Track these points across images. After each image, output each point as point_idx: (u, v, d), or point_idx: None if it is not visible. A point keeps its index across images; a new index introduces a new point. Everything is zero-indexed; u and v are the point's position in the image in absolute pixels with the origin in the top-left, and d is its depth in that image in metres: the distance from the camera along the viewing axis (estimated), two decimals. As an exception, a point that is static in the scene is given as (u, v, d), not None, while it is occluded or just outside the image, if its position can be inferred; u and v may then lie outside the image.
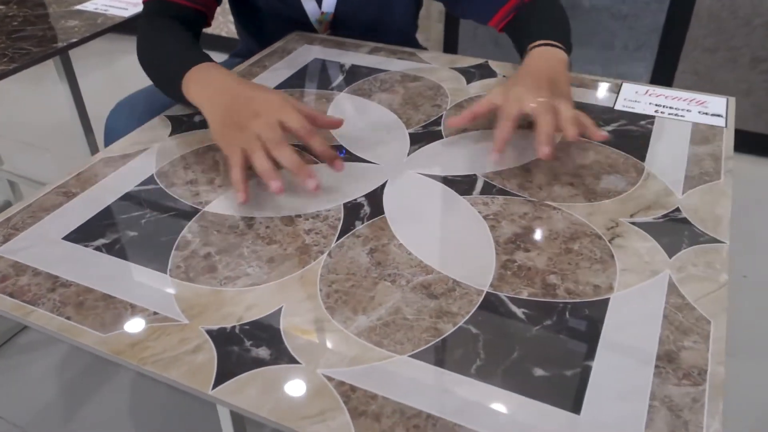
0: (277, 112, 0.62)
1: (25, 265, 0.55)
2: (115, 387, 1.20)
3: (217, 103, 0.67)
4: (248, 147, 0.61)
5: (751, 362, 1.25)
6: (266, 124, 0.61)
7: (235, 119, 0.63)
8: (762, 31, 1.60)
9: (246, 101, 0.64)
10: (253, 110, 0.63)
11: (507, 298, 0.51)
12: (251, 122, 0.62)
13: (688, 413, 0.42)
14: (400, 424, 0.41)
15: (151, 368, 0.46)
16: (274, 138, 0.61)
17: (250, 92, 0.66)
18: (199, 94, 0.70)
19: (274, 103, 0.64)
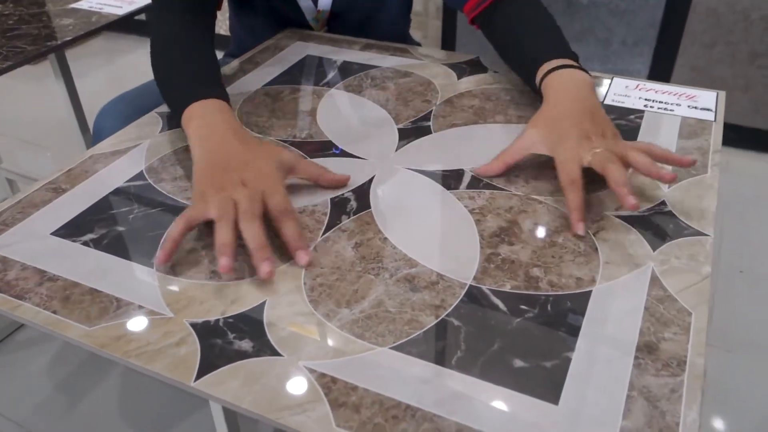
0: (265, 185, 0.58)
1: (13, 260, 0.56)
2: (112, 383, 1.21)
3: (209, 152, 0.62)
4: (218, 209, 0.55)
5: (749, 357, 1.25)
6: (248, 196, 0.56)
7: (218, 179, 0.58)
8: (760, 25, 1.60)
9: (238, 165, 0.60)
10: (242, 178, 0.58)
11: (489, 291, 0.51)
12: (234, 189, 0.57)
13: (666, 403, 0.42)
14: (379, 415, 0.42)
15: (134, 361, 0.46)
16: (250, 211, 0.55)
17: (246, 156, 0.61)
18: (196, 133, 0.65)
19: (265, 176, 0.59)
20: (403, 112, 0.78)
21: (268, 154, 0.62)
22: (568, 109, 0.66)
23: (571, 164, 0.60)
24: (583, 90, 0.68)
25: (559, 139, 0.63)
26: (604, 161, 0.59)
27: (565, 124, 0.64)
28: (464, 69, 0.89)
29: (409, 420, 0.41)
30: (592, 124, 0.64)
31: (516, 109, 0.78)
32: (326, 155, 0.70)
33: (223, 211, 0.55)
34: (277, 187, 0.58)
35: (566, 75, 0.70)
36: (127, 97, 1.00)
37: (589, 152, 0.60)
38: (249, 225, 0.54)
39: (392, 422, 0.41)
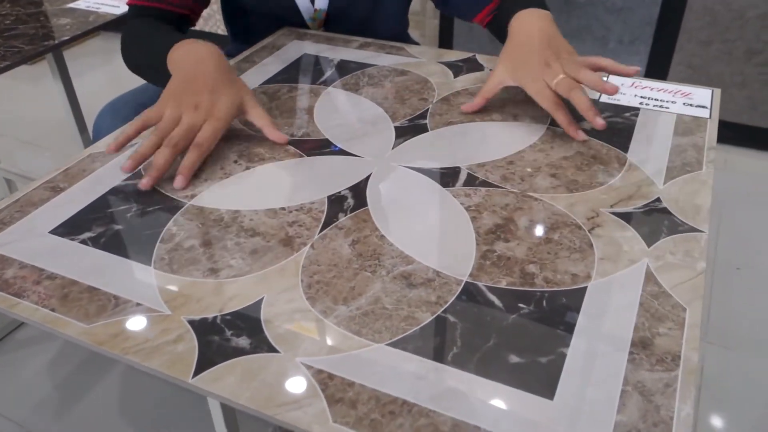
0: (210, 116, 0.67)
1: (11, 259, 0.56)
2: (111, 382, 1.21)
3: (184, 69, 0.71)
4: (163, 122, 0.66)
5: (746, 354, 1.26)
6: (188, 124, 0.66)
7: (181, 95, 0.68)
8: (756, 23, 1.60)
9: (202, 88, 0.68)
10: (199, 101, 0.67)
11: (485, 288, 0.52)
12: (186, 108, 0.67)
13: (660, 398, 0.42)
14: (376, 411, 0.42)
15: (132, 358, 0.46)
16: (177, 138, 0.65)
17: (213, 83, 0.69)
18: (178, 57, 0.73)
19: (217, 109, 0.68)
20: (400, 110, 0.79)
21: (232, 91, 0.70)
22: (525, 40, 0.75)
23: (545, 91, 0.71)
24: (538, 21, 0.76)
25: (522, 69, 0.73)
26: (567, 89, 0.69)
27: (525, 55, 0.74)
28: (460, 67, 0.89)
29: (406, 415, 0.42)
30: (548, 49, 0.72)
31: (513, 107, 0.79)
32: (324, 153, 0.70)
33: (164, 126, 0.65)
34: (217, 124, 0.67)
35: (525, 13, 0.78)
36: (125, 98, 1.00)
37: (553, 79, 0.70)
38: (165, 148, 0.64)
39: (389, 418, 0.42)
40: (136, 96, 1.01)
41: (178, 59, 0.73)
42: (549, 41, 0.73)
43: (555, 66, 0.71)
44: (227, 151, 0.71)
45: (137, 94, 1.02)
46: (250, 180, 0.66)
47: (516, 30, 0.77)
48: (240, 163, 0.69)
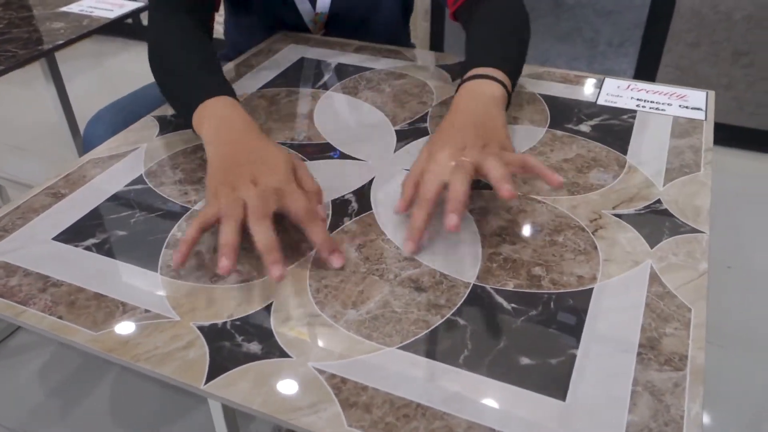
0: (280, 183, 0.55)
1: (15, 266, 0.56)
2: (107, 388, 1.20)
3: (223, 149, 0.61)
4: (226, 207, 0.53)
5: (738, 352, 1.28)
6: (258, 194, 0.54)
7: (231, 177, 0.56)
8: (743, 25, 1.63)
9: (251, 162, 0.58)
10: (253, 175, 0.56)
11: (493, 290, 0.52)
12: (245, 187, 0.55)
13: (670, 397, 0.43)
14: (390, 414, 0.42)
15: (143, 364, 0.46)
16: (261, 209, 0.53)
17: (260, 152, 0.59)
18: (210, 132, 0.64)
19: (280, 174, 0.56)
20: (400, 113, 0.79)
21: (281, 152, 0.60)
22: (456, 118, 0.64)
23: (429, 182, 0.56)
24: (481, 101, 0.65)
25: (436, 150, 0.59)
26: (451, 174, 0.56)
27: (447, 133, 0.62)
28: (458, 70, 0.90)
29: (420, 418, 0.42)
30: (474, 135, 0.60)
31: (511, 110, 0.79)
32: (325, 158, 0.70)
33: (229, 209, 0.53)
34: (294, 187, 0.55)
35: (473, 85, 0.68)
36: (117, 105, 0.99)
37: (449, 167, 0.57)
38: (258, 225, 0.52)
39: (403, 421, 0.42)
40: (127, 104, 1.00)
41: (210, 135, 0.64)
42: (479, 127, 0.61)
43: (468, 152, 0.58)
44: (229, 156, 0.71)
45: (129, 101, 1.01)
46: (254, 185, 0.66)
47: (453, 107, 0.67)
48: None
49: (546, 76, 0.88)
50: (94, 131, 0.96)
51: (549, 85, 0.86)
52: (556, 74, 0.89)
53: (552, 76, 0.88)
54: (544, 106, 0.80)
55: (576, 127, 0.75)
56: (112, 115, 0.98)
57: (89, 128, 0.97)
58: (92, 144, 0.92)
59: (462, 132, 0.61)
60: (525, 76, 0.88)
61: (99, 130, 0.96)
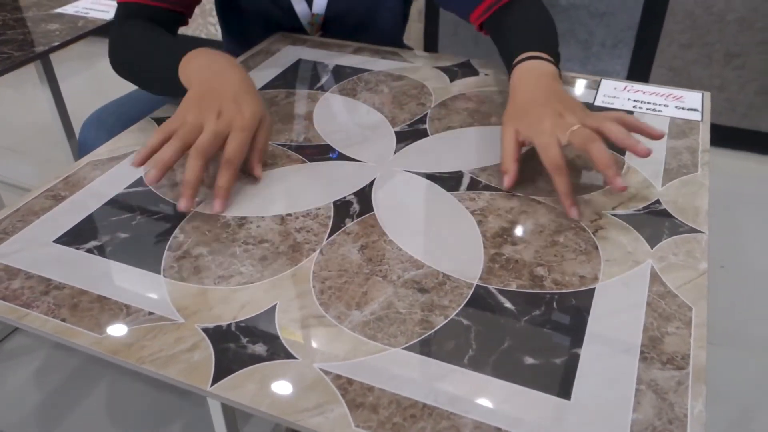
0: (236, 126, 0.62)
1: (16, 269, 0.55)
2: (102, 391, 1.19)
3: (205, 79, 0.66)
4: (184, 129, 0.60)
5: (729, 350, 1.29)
6: (213, 131, 0.60)
7: (204, 103, 0.63)
8: (735, 26, 1.64)
9: (225, 98, 0.63)
10: (222, 108, 0.62)
11: (496, 291, 0.53)
12: (209, 115, 0.61)
13: (673, 396, 0.43)
14: (397, 415, 0.42)
15: (149, 367, 0.46)
16: (204, 146, 0.60)
17: (237, 92, 0.64)
18: (196, 68, 0.68)
19: (243, 119, 0.62)
20: (399, 115, 0.79)
21: (255, 103, 0.65)
22: (532, 94, 0.68)
23: (551, 149, 0.61)
24: (545, 77, 0.69)
25: (533, 123, 0.64)
26: (584, 141, 0.60)
27: (535, 108, 0.65)
28: (456, 72, 0.90)
29: (427, 419, 0.42)
30: (560, 102, 0.64)
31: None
32: (325, 159, 0.71)
33: (186, 133, 0.60)
34: (243, 134, 0.62)
35: (530, 65, 0.71)
36: (110, 108, 0.99)
37: (566, 132, 0.61)
38: (194, 160, 0.59)
39: (410, 421, 0.42)
40: (121, 106, 1.00)
41: (197, 69, 0.69)
42: (558, 97, 0.66)
43: (569, 117, 0.62)
44: (229, 158, 0.71)
45: (123, 103, 1.01)
46: (255, 186, 0.66)
47: (516, 86, 0.70)
48: (243, 169, 0.69)
49: (543, 77, 0.89)
50: (90, 133, 0.96)
51: (546, 86, 0.86)
52: (553, 76, 0.89)
53: (549, 77, 0.89)
54: (542, 108, 0.81)
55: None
56: (108, 116, 0.97)
57: (84, 130, 0.97)
58: (88, 145, 0.92)
59: (549, 102, 0.65)
60: (522, 78, 0.88)
61: (94, 131, 0.96)
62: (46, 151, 1.88)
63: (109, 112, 0.99)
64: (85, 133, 0.97)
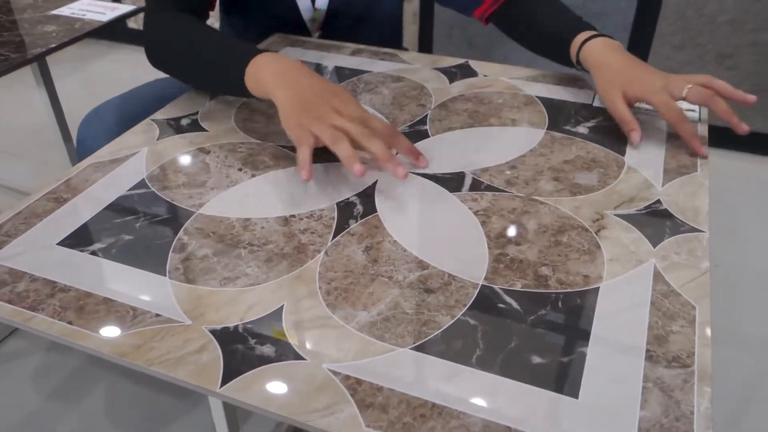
0: (357, 113, 0.66)
1: (21, 272, 0.55)
2: (98, 394, 1.19)
3: (291, 87, 0.68)
4: (328, 137, 0.63)
5: (724, 349, 1.30)
6: (353, 120, 0.65)
7: (313, 112, 0.65)
8: (726, 28, 1.66)
9: (326, 96, 0.67)
10: (333, 107, 0.66)
11: (501, 290, 0.53)
12: (332, 117, 0.65)
13: (680, 393, 0.44)
14: (407, 414, 0.43)
15: (157, 369, 0.46)
16: (364, 132, 0.64)
17: (329, 88, 0.68)
18: (272, 76, 0.69)
19: (354, 105, 0.67)
20: (400, 116, 0.80)
21: (343, 88, 0.70)
22: (624, 63, 0.76)
23: (671, 103, 0.71)
24: (621, 50, 0.78)
25: (640, 85, 0.73)
26: (704, 97, 0.71)
27: (637, 73, 0.74)
28: (454, 73, 0.91)
29: (437, 418, 0.43)
30: (651, 67, 0.74)
31: (509, 112, 0.80)
32: (329, 160, 0.71)
33: (333, 138, 0.63)
34: (367, 114, 0.66)
35: (600, 42, 0.79)
36: (109, 105, 0.99)
37: (682, 89, 0.71)
38: (373, 142, 0.63)
39: (420, 421, 0.42)
40: (121, 103, 1.00)
41: (273, 82, 0.69)
42: (642, 62, 0.76)
43: (676, 79, 0.72)
44: (231, 159, 0.71)
45: (122, 101, 1.00)
46: (258, 188, 0.66)
47: (601, 60, 0.77)
48: (245, 170, 0.69)
49: (541, 78, 0.89)
50: (88, 131, 0.95)
51: (545, 87, 0.87)
52: (550, 76, 0.90)
53: (547, 78, 0.90)
54: (541, 108, 0.81)
55: (574, 129, 0.76)
56: (106, 114, 0.97)
57: (83, 128, 0.96)
58: (86, 144, 0.92)
59: (646, 67, 0.75)
60: (521, 78, 0.89)
61: (92, 130, 0.95)
62: (43, 154, 1.87)
63: (107, 109, 0.98)
64: (83, 131, 0.96)
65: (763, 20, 1.62)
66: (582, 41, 0.81)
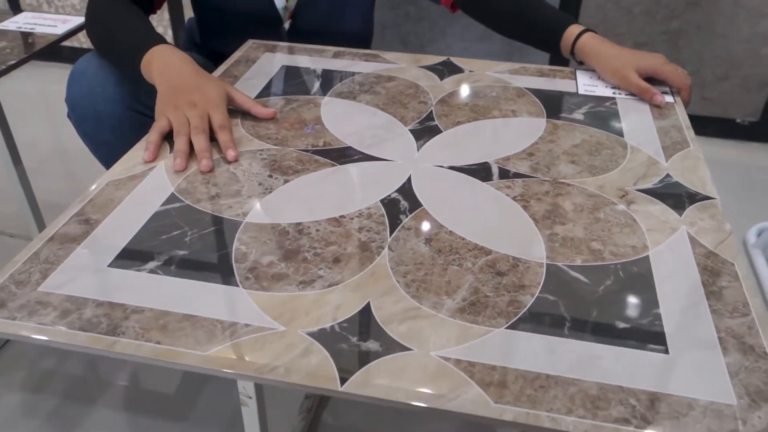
0: (210, 106, 0.75)
1: (81, 298, 0.52)
2: (99, 412, 1.12)
3: (168, 81, 0.78)
4: (175, 124, 0.73)
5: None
6: (198, 115, 0.73)
7: (176, 100, 0.75)
8: (641, 18, 1.80)
9: (191, 90, 0.76)
10: (193, 100, 0.75)
11: (566, 267, 0.57)
12: (187, 108, 0.74)
13: (750, 338, 0.50)
14: (527, 387, 0.45)
15: (270, 376, 0.46)
16: (199, 126, 0.72)
17: (197, 83, 0.77)
18: (158, 70, 0.79)
19: (211, 99, 0.76)
20: (406, 114, 0.82)
21: (214, 84, 0.78)
22: (622, 49, 0.90)
23: (678, 70, 0.86)
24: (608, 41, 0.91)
25: (647, 61, 0.87)
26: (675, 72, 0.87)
27: (638, 53, 0.88)
28: (442, 71, 0.94)
29: (555, 387, 0.45)
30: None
31: (506, 104, 0.85)
32: (354, 160, 0.72)
33: (180, 126, 0.72)
34: (219, 108, 0.75)
35: (591, 35, 0.92)
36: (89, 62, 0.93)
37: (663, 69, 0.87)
38: (198, 136, 0.72)
39: (541, 391, 0.45)
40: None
41: (158, 71, 0.79)
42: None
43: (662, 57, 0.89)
44: (257, 167, 0.70)
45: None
46: (296, 192, 0.66)
47: (601, 49, 0.90)
48: (276, 177, 0.68)
49: (523, 71, 0.95)
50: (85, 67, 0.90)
51: (529, 79, 0.92)
52: (531, 69, 0.95)
53: (528, 71, 0.95)
54: (535, 99, 0.86)
55: (571, 116, 0.82)
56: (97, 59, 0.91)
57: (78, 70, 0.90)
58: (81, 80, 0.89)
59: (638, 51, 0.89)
60: (506, 72, 0.94)
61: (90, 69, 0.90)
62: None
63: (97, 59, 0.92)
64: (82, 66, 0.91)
65: (671, 10, 1.78)
66: (575, 35, 0.91)
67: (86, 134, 0.90)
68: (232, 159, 0.71)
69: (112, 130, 0.88)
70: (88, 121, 0.88)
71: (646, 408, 0.44)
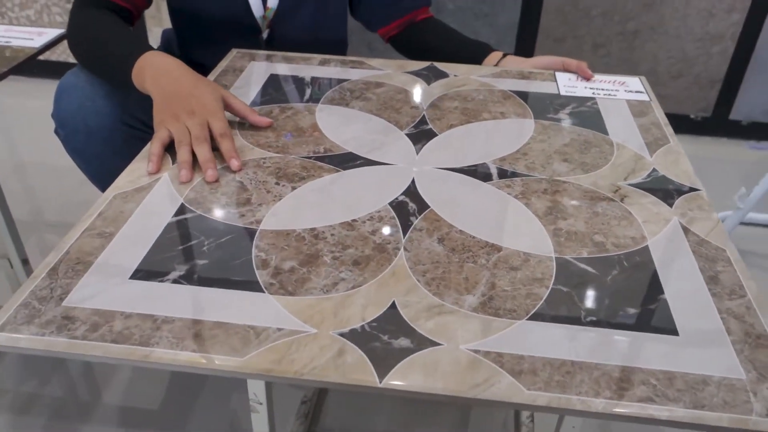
0: (209, 114, 0.75)
1: (108, 311, 0.53)
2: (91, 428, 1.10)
3: (164, 89, 0.77)
4: (177, 135, 0.73)
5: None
6: (198, 123, 0.73)
7: (174, 109, 0.75)
8: (599, 20, 1.88)
9: (187, 97, 0.76)
10: (191, 108, 0.75)
11: (573, 260, 0.60)
12: (186, 117, 0.74)
13: (749, 318, 0.54)
14: (556, 373, 0.48)
15: (310, 377, 0.47)
16: (200, 135, 0.73)
17: (193, 90, 0.77)
18: (151, 78, 0.79)
19: (209, 106, 0.75)
20: (401, 119, 0.84)
21: (210, 89, 0.78)
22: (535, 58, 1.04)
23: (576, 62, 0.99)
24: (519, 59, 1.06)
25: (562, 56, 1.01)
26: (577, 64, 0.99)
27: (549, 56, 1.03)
28: (428, 76, 0.97)
29: (581, 372, 0.48)
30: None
31: (494, 106, 0.88)
32: (357, 165, 0.73)
33: (181, 136, 0.72)
34: (218, 115, 0.75)
35: (511, 58, 1.05)
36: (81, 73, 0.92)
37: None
38: (200, 147, 0.72)
39: (569, 377, 0.48)
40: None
41: (151, 78, 0.78)
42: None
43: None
44: (263, 175, 0.71)
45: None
46: (305, 198, 0.67)
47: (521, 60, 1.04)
48: (283, 184, 0.70)
49: (505, 74, 0.98)
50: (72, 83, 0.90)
51: (512, 82, 0.96)
52: (512, 72, 0.99)
53: (509, 74, 0.99)
54: (520, 101, 0.90)
55: (557, 116, 0.86)
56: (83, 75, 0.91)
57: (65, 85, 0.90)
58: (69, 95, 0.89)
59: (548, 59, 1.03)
60: (488, 76, 0.97)
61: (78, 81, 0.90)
62: None
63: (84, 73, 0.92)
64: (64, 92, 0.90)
65: (628, 11, 1.86)
66: (499, 59, 1.04)
67: (76, 150, 0.89)
68: (236, 169, 0.71)
69: (104, 143, 0.87)
70: (79, 136, 0.87)
71: (665, 386, 0.47)
